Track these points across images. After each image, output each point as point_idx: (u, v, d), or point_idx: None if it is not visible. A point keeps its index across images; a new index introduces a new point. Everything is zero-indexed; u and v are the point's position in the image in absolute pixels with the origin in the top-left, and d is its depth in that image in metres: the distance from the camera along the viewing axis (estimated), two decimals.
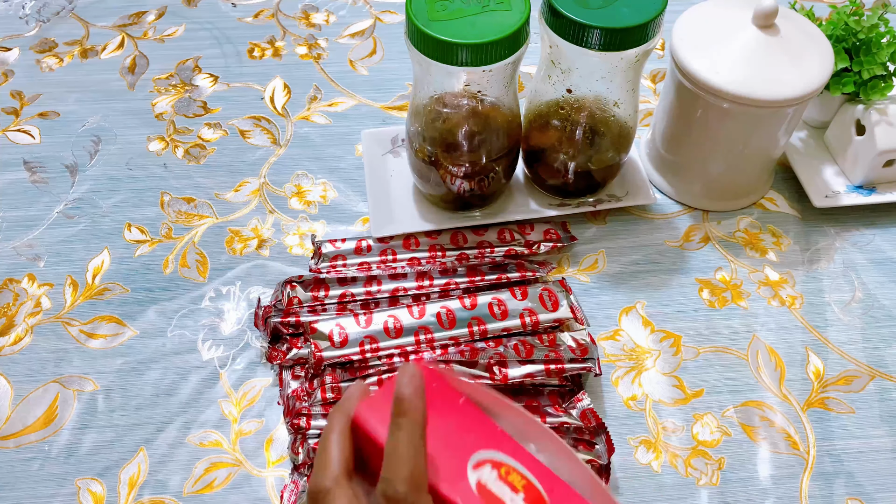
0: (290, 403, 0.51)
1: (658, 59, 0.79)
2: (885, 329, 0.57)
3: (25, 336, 0.57)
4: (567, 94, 0.55)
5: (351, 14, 0.83)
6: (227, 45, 0.79)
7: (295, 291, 0.56)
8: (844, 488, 0.50)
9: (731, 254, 0.62)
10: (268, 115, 0.73)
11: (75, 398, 0.53)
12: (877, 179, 0.63)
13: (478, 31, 0.46)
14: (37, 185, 0.67)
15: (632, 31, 0.48)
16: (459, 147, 0.56)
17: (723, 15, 0.58)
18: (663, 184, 0.66)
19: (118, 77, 0.76)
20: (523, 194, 0.63)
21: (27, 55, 0.78)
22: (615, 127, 0.58)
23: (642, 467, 0.50)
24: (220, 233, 0.63)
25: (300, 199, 0.66)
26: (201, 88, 0.75)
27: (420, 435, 0.29)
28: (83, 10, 0.84)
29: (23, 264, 0.61)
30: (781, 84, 0.54)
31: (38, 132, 0.71)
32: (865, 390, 0.54)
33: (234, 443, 0.51)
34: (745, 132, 0.58)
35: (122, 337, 0.57)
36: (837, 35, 0.62)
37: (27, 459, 0.51)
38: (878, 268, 0.61)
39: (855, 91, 0.62)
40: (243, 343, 0.56)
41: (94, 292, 0.59)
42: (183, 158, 0.69)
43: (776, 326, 0.57)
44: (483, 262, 0.59)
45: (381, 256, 0.59)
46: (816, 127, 0.68)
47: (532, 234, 0.61)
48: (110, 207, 0.65)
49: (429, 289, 0.57)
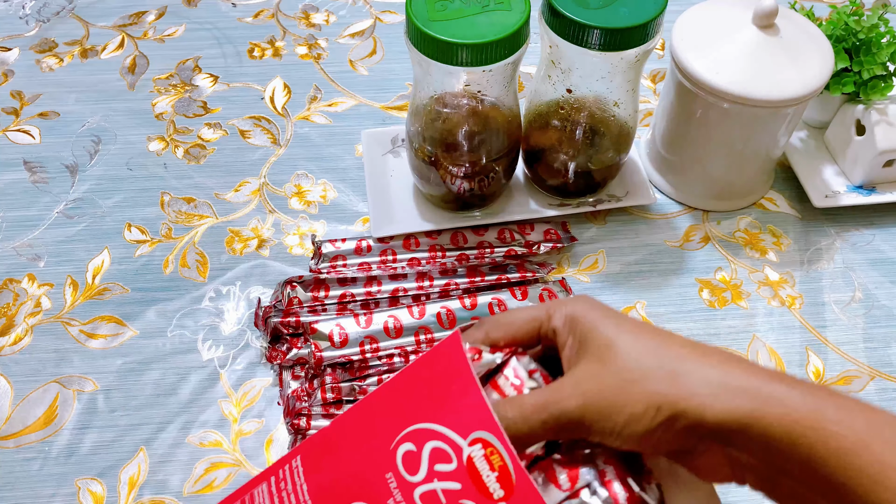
0: (290, 403, 0.51)
1: (658, 59, 0.79)
2: (886, 329, 0.57)
3: (25, 336, 0.57)
4: (567, 94, 0.55)
5: (351, 14, 0.83)
6: (227, 45, 0.79)
7: (295, 291, 0.56)
8: None
9: (731, 254, 0.62)
10: (268, 115, 0.73)
11: (75, 398, 0.53)
12: (877, 179, 0.63)
13: (478, 31, 0.46)
14: (37, 185, 0.67)
15: (632, 31, 0.48)
16: (459, 147, 0.56)
17: (723, 15, 0.58)
18: (663, 184, 0.66)
19: (118, 77, 0.76)
20: (523, 194, 0.63)
21: (27, 55, 0.78)
22: (615, 127, 0.58)
23: None
24: (220, 233, 0.63)
25: (300, 199, 0.66)
26: (201, 88, 0.75)
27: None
28: (83, 10, 0.84)
29: (23, 264, 0.61)
30: (781, 84, 0.54)
31: (38, 132, 0.71)
32: (866, 390, 0.54)
33: (234, 443, 0.51)
34: (745, 132, 0.58)
35: (122, 337, 0.57)
36: (837, 35, 0.62)
37: (27, 459, 0.51)
38: (878, 268, 0.61)
39: (855, 91, 0.62)
40: (243, 343, 0.56)
41: (94, 292, 0.59)
42: (183, 158, 0.69)
43: (776, 326, 0.57)
44: (483, 263, 0.59)
45: (381, 257, 0.59)
46: (816, 127, 0.68)
47: (532, 234, 0.61)
48: (110, 207, 0.65)
49: (429, 289, 0.57)
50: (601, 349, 0.29)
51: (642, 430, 0.27)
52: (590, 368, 0.29)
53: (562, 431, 0.29)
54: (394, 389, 0.33)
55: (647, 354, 0.28)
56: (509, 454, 0.29)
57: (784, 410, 0.26)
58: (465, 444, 0.30)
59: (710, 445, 0.28)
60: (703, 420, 0.26)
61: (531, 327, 0.32)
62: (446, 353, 0.32)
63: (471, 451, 0.30)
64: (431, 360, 0.32)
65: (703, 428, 0.27)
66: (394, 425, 0.32)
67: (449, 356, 0.31)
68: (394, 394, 0.33)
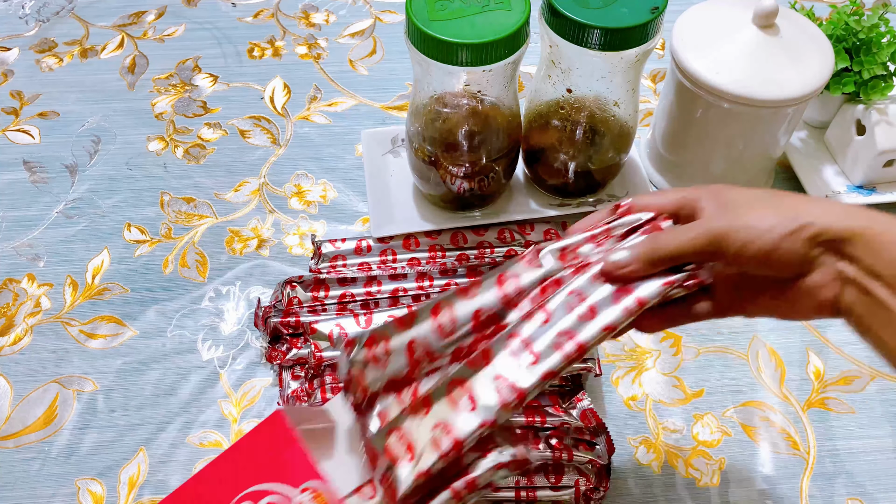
0: (289, 404, 0.51)
1: (658, 59, 0.79)
2: None
3: (25, 336, 0.57)
4: (567, 94, 0.55)
5: (351, 14, 0.83)
6: (226, 44, 0.79)
7: (295, 291, 0.56)
8: (845, 488, 0.50)
9: None
10: (268, 115, 0.73)
11: (75, 398, 0.53)
12: (877, 179, 0.63)
13: (478, 31, 0.46)
14: (37, 185, 0.67)
15: (632, 31, 0.48)
16: (459, 147, 0.56)
17: (723, 15, 0.58)
18: (663, 184, 0.66)
19: (118, 77, 0.76)
20: (523, 194, 0.63)
21: (27, 55, 0.78)
22: (615, 127, 0.58)
23: (642, 467, 0.50)
24: (220, 233, 0.63)
25: (300, 199, 0.65)
26: (201, 88, 0.75)
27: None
28: (83, 10, 0.83)
29: (23, 264, 0.61)
30: (781, 84, 0.54)
31: (37, 132, 0.71)
32: (866, 390, 0.54)
33: (234, 443, 0.51)
34: (745, 132, 0.57)
35: (122, 337, 0.57)
36: (838, 35, 0.62)
37: (27, 459, 0.50)
38: None
39: (855, 91, 0.62)
40: (243, 343, 0.56)
41: (93, 292, 0.59)
42: (183, 158, 0.69)
43: (776, 326, 0.57)
44: (483, 263, 0.59)
45: (381, 256, 0.59)
46: (816, 127, 0.68)
47: (532, 234, 0.61)
48: (110, 207, 0.65)
49: (429, 289, 0.56)
50: (740, 198, 0.35)
51: (776, 236, 0.33)
52: (730, 206, 0.35)
53: (702, 255, 0.35)
54: (229, 460, 0.42)
55: (781, 196, 0.35)
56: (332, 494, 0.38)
57: (886, 227, 0.32)
58: (297, 492, 0.39)
59: (826, 259, 0.33)
60: (828, 229, 0.33)
61: (676, 200, 0.38)
62: (272, 430, 0.41)
63: (301, 497, 0.39)
64: (258, 435, 0.41)
65: (826, 236, 0.33)
66: (233, 488, 0.39)
67: (276, 432, 0.41)
68: (230, 464, 0.41)
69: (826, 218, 0.33)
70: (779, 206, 0.34)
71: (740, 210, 0.35)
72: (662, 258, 0.36)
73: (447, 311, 0.38)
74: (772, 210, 0.34)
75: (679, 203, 0.38)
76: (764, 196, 0.35)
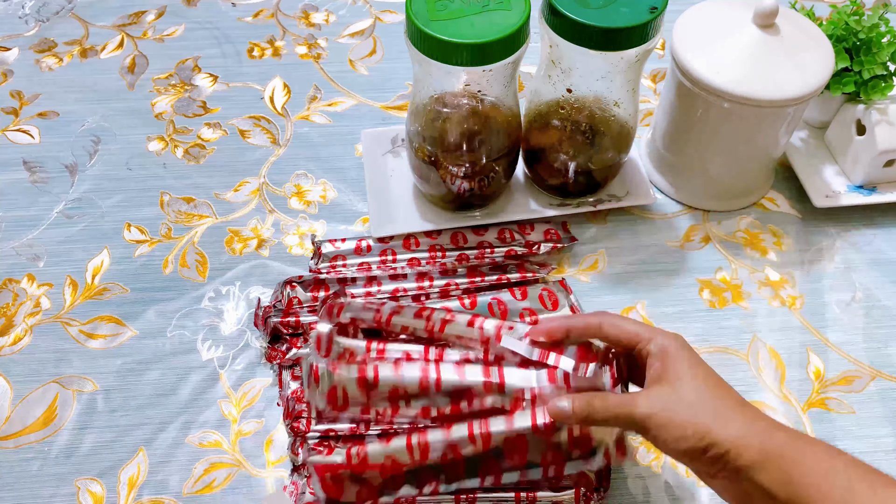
0: (289, 405, 0.51)
1: (658, 59, 0.79)
2: (886, 329, 0.57)
3: (25, 336, 0.57)
4: (567, 94, 0.55)
5: (351, 14, 0.83)
6: (226, 44, 0.79)
7: (295, 291, 0.56)
8: None
9: (732, 254, 0.62)
10: (268, 115, 0.72)
11: (75, 398, 0.53)
12: (877, 179, 0.63)
13: (478, 31, 0.46)
14: (36, 185, 0.67)
15: (632, 31, 0.48)
16: (459, 147, 0.56)
17: (723, 15, 0.58)
18: (663, 184, 0.66)
19: (118, 77, 0.76)
20: (523, 194, 0.63)
21: (27, 55, 0.78)
22: (615, 127, 0.58)
23: (642, 467, 0.50)
24: (220, 233, 0.63)
25: (300, 199, 0.65)
26: (201, 88, 0.75)
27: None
28: (83, 10, 0.83)
29: (22, 264, 0.61)
30: (781, 84, 0.54)
31: (37, 132, 0.71)
32: (866, 390, 0.54)
33: (233, 443, 0.51)
34: (746, 132, 0.57)
35: (122, 337, 0.56)
36: (838, 35, 0.62)
37: (27, 459, 0.50)
38: (878, 268, 0.61)
39: (855, 91, 0.62)
40: (243, 343, 0.56)
41: (93, 292, 0.59)
42: (183, 158, 0.69)
43: (777, 327, 0.57)
44: (483, 263, 0.59)
45: (380, 257, 0.59)
46: (817, 127, 0.68)
47: (532, 234, 0.61)
48: (110, 207, 0.65)
49: (429, 289, 0.56)
50: (676, 380, 0.39)
51: (686, 447, 0.37)
52: (663, 391, 0.39)
53: (627, 428, 0.40)
54: None
55: (706, 395, 0.38)
56: None
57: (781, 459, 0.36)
58: None
59: (728, 475, 0.37)
60: (727, 455, 0.36)
61: (632, 338, 0.41)
62: None
63: None
64: None
65: (727, 462, 0.36)
66: None
67: None
68: None
69: (733, 441, 0.36)
70: (700, 413, 0.37)
71: (671, 398, 0.38)
72: (595, 421, 0.40)
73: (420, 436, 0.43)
74: (691, 417, 0.37)
75: (632, 340, 0.41)
76: (702, 388, 0.38)
